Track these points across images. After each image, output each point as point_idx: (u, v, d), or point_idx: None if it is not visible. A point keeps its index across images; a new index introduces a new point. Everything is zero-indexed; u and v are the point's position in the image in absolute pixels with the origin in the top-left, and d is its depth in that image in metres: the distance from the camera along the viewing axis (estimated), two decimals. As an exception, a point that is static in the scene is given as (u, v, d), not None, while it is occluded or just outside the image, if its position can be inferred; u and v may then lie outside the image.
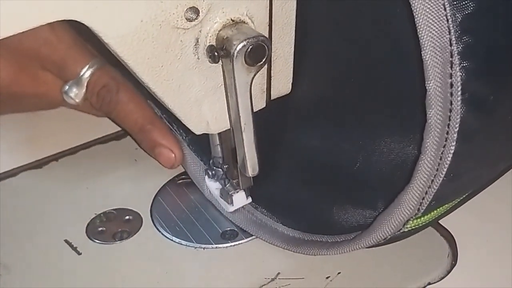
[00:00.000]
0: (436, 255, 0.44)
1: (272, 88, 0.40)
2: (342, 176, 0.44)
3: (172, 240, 0.46)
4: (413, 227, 0.38)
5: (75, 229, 0.47)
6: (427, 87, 0.32)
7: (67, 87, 0.50)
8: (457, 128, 0.32)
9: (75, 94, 0.50)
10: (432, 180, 0.34)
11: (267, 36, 0.37)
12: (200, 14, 0.34)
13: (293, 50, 0.40)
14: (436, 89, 0.31)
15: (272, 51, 0.38)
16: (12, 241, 0.46)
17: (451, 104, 0.32)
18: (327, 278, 0.42)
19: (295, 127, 0.47)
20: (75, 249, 0.45)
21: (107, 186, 0.51)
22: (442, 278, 0.42)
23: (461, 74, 0.31)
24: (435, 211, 0.39)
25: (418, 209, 0.36)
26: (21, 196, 0.51)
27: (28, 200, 0.50)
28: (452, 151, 0.33)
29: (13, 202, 0.50)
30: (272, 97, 0.41)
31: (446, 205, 0.39)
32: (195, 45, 0.35)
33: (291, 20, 0.38)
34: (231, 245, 0.45)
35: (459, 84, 0.31)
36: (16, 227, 0.48)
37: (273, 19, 0.37)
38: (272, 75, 0.40)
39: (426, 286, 0.42)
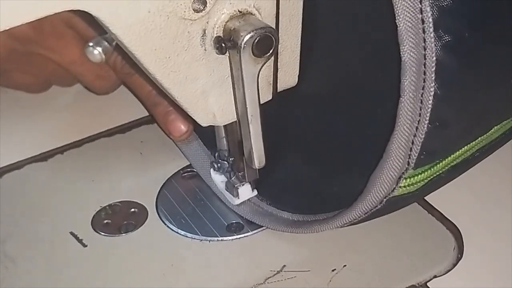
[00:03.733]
0: (442, 248, 0.44)
1: (278, 80, 0.40)
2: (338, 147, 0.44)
3: (177, 232, 0.46)
4: (408, 187, 0.37)
5: (81, 222, 0.47)
6: (397, 24, 0.31)
7: (94, 41, 0.47)
8: (434, 68, 0.32)
9: (104, 48, 0.47)
10: (417, 127, 0.34)
11: (274, 28, 0.37)
12: (207, 5, 0.34)
13: (300, 42, 0.40)
14: (406, 24, 0.31)
15: (279, 43, 0.38)
16: (17, 234, 0.46)
17: (425, 41, 0.31)
18: (332, 270, 0.42)
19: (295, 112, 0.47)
20: (80, 241, 0.45)
21: (112, 179, 0.51)
22: (448, 271, 0.42)
23: (431, 10, 0.31)
24: (428, 171, 0.38)
25: (408, 163, 0.35)
26: (27, 189, 0.51)
27: (33, 193, 0.50)
28: (432, 93, 0.32)
29: (19, 195, 0.50)
30: (279, 89, 0.40)
31: (439, 165, 0.38)
32: (202, 36, 0.35)
33: (298, 12, 0.38)
34: (236, 238, 0.45)
35: (430, 19, 0.31)
36: (21, 219, 0.48)
37: (280, 10, 0.37)
38: (278, 67, 0.39)
39: (432, 279, 0.42)
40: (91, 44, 0.47)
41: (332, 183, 0.45)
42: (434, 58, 0.32)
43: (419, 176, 0.37)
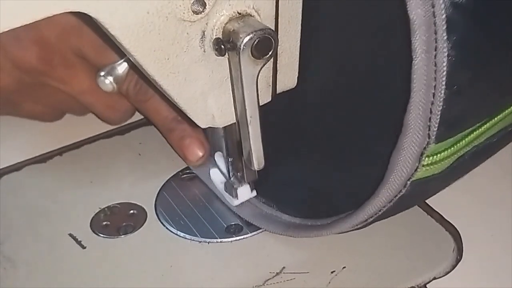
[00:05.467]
0: (442, 249, 0.44)
1: (278, 82, 0.40)
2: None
3: (176, 234, 0.46)
4: (432, 166, 0.36)
5: (80, 223, 0.47)
6: None
7: (106, 70, 0.48)
8: (445, 26, 0.31)
9: (116, 77, 0.48)
10: (434, 94, 0.32)
11: (273, 29, 0.37)
12: (206, 7, 0.34)
13: (299, 44, 0.40)
14: None
15: (278, 44, 0.38)
16: (16, 235, 0.46)
17: None
18: (332, 272, 0.42)
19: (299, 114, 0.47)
20: (79, 243, 0.45)
21: (111, 180, 0.51)
22: (448, 272, 0.42)
23: None
24: (451, 148, 0.36)
25: (429, 135, 0.34)
26: (25, 190, 0.51)
27: (32, 195, 0.50)
28: (445, 54, 0.31)
29: (17, 197, 0.50)
30: (278, 91, 0.40)
31: (462, 142, 0.36)
32: (202, 38, 0.35)
33: (297, 14, 0.38)
34: (236, 239, 0.45)
35: None
36: (20, 221, 0.48)
37: (279, 12, 0.37)
38: (278, 68, 0.39)
39: (431, 280, 0.42)
40: (102, 73, 0.48)
41: (335, 184, 0.44)
42: (444, 15, 0.30)
43: (442, 154, 0.36)
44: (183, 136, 0.48)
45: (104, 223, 0.47)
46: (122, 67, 0.48)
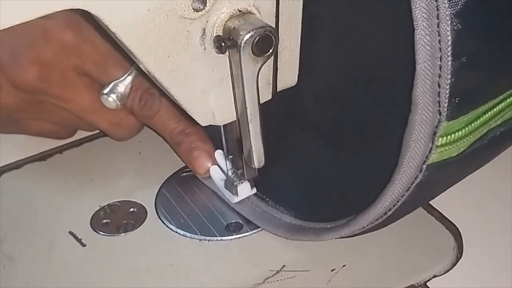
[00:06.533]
0: (442, 248, 0.44)
1: (278, 80, 0.40)
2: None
3: (176, 232, 0.46)
4: (447, 147, 0.34)
5: (80, 221, 0.47)
6: None
7: (109, 87, 0.48)
8: None
9: (118, 95, 0.48)
10: (440, 66, 0.31)
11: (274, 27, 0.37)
12: (207, 4, 0.34)
13: (299, 42, 0.40)
14: None
15: (279, 42, 0.38)
16: (16, 233, 0.46)
17: None
18: (332, 270, 0.42)
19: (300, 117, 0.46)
20: (79, 240, 0.45)
21: (111, 179, 0.51)
22: (448, 270, 0.42)
23: None
24: (466, 128, 0.34)
25: (439, 112, 0.32)
26: (26, 188, 0.51)
27: (32, 193, 0.50)
28: (448, 21, 0.30)
29: (18, 195, 0.50)
30: (278, 89, 0.40)
31: (478, 121, 0.35)
32: (202, 35, 0.35)
33: (298, 12, 0.38)
34: (236, 238, 0.45)
35: None
36: (20, 219, 0.48)
37: (280, 10, 0.37)
38: (278, 66, 0.39)
39: (431, 278, 0.42)
40: (105, 91, 0.48)
41: (348, 177, 0.44)
42: None
43: (457, 133, 0.34)
44: (191, 149, 0.48)
45: (104, 221, 0.47)
46: (124, 83, 0.48)
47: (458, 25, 0.30)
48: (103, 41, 0.47)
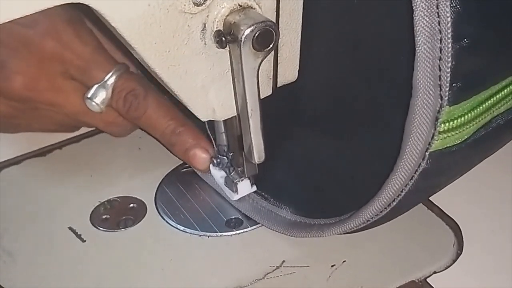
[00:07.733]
0: (442, 244, 0.44)
1: (278, 75, 0.40)
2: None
3: (176, 228, 0.46)
4: (450, 134, 0.33)
5: (80, 217, 0.47)
6: None
7: (91, 92, 0.47)
8: None
9: (101, 99, 0.47)
10: (440, 48, 0.30)
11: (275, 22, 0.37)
12: (207, -1, 0.34)
13: (300, 37, 0.40)
14: None
15: (279, 37, 0.37)
16: (16, 229, 0.46)
17: None
18: (332, 266, 0.42)
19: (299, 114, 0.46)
20: (79, 236, 0.45)
21: (111, 174, 0.51)
22: (448, 267, 0.42)
23: None
24: (470, 114, 0.33)
25: (441, 96, 0.31)
26: (25, 184, 0.51)
27: (32, 188, 0.50)
28: (447, 2, 0.29)
29: (17, 190, 0.50)
30: (279, 84, 0.40)
31: (482, 107, 0.34)
32: (202, 30, 0.35)
33: (298, 7, 0.38)
34: (235, 233, 0.45)
35: None
36: (20, 214, 0.47)
37: (280, 5, 0.37)
38: (278, 61, 0.39)
39: (431, 274, 0.42)
40: (88, 96, 0.47)
41: (351, 170, 0.44)
42: None
43: (460, 119, 0.33)
44: (186, 149, 0.47)
45: (104, 216, 0.47)
46: (106, 86, 0.47)
47: (458, 6, 0.30)
48: (84, 46, 0.47)
